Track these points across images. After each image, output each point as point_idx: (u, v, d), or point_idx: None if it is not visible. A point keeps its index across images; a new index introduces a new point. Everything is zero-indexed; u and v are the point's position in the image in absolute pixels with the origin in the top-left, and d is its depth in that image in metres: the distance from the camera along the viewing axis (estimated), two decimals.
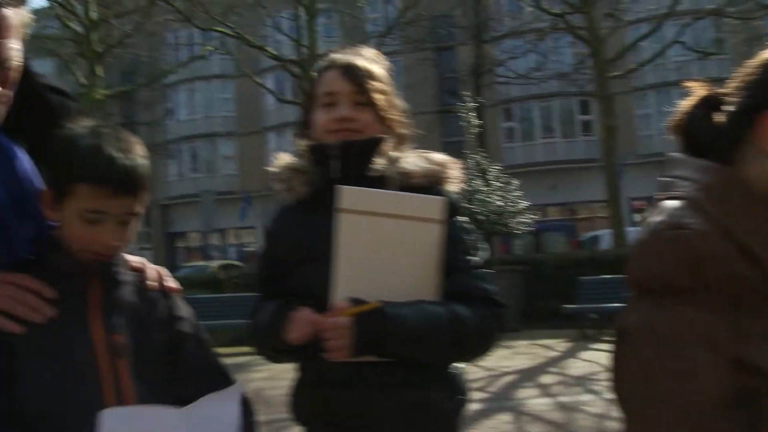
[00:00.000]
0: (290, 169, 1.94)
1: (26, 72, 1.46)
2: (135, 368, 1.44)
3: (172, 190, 37.56)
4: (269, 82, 33.06)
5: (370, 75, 1.89)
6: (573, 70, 22.93)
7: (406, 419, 1.78)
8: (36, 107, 1.53)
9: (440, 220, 1.77)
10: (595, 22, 17.59)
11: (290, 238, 1.91)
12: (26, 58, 1.44)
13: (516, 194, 13.36)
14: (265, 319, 1.83)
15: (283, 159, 1.99)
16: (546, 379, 8.16)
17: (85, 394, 1.37)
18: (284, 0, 24.77)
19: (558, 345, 10.58)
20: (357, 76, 1.87)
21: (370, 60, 1.95)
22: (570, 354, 9.93)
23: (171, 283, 1.59)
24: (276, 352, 1.87)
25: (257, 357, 1.60)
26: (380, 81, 1.91)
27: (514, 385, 7.63)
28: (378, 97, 1.87)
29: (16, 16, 1.33)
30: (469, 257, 1.83)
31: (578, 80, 22.73)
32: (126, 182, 1.39)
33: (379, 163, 1.86)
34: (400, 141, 1.94)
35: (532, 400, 7.14)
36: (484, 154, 13.94)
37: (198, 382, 1.53)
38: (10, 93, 1.39)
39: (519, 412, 6.57)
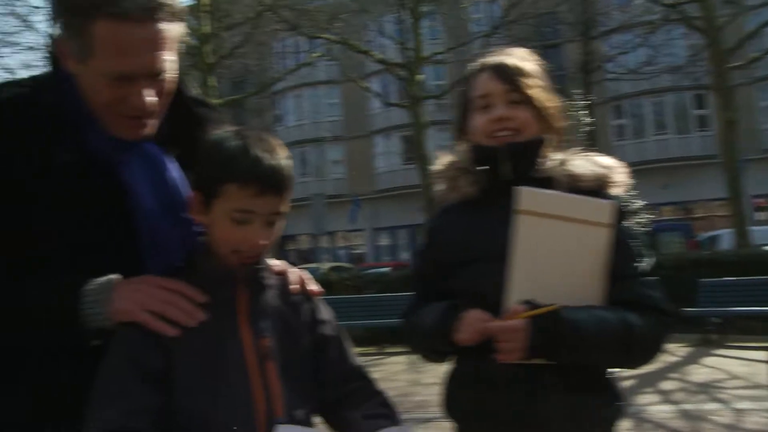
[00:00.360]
0: (457, 169, 1.94)
1: (181, 92, 1.54)
2: (281, 371, 1.47)
3: None
4: (375, 85, 33.36)
5: (522, 72, 1.87)
6: (687, 63, 21.98)
7: (570, 423, 1.76)
8: (184, 117, 1.60)
9: (610, 225, 1.76)
10: (711, 10, 16.78)
11: (454, 238, 1.90)
12: (180, 82, 1.53)
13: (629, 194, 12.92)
14: (428, 320, 1.85)
15: (446, 158, 1.99)
16: (667, 385, 7.85)
17: (236, 395, 1.41)
18: (388, 4, 24.97)
19: (678, 350, 10.16)
20: (509, 75, 1.86)
21: (521, 58, 1.94)
22: (691, 359, 9.52)
23: (313, 286, 1.62)
24: (437, 353, 1.91)
25: (372, 357, 1.60)
26: (533, 78, 1.89)
27: (633, 391, 7.36)
28: (533, 93, 1.86)
29: (171, 30, 1.40)
30: (636, 264, 1.80)
31: (693, 73, 21.77)
32: (272, 181, 1.43)
33: (545, 164, 1.86)
34: (559, 137, 1.93)
35: (654, 406, 6.87)
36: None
37: (340, 386, 1.57)
38: (164, 104, 1.47)
39: (640, 419, 6.33)
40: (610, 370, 1.86)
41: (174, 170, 1.57)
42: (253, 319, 1.49)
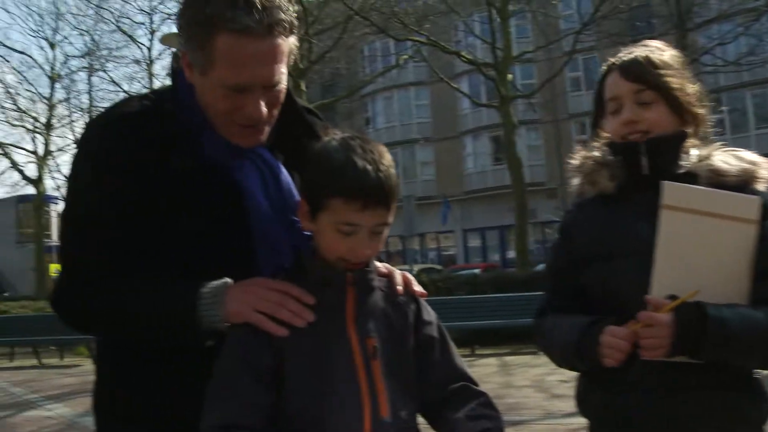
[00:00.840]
0: (596, 163, 1.90)
1: (288, 94, 1.63)
2: (386, 371, 1.49)
3: None
4: (464, 86, 33.23)
5: (650, 70, 1.82)
6: None
7: (716, 426, 1.72)
8: (294, 125, 1.68)
9: (757, 221, 1.71)
10: None
11: (590, 233, 1.88)
12: (290, 91, 1.62)
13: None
14: (565, 338, 1.81)
15: (583, 152, 1.96)
16: None
17: (344, 394, 1.44)
18: (476, 4, 24.81)
19: None
20: (636, 75, 1.82)
21: (652, 52, 1.88)
22: None
23: (417, 287, 1.65)
24: (574, 368, 1.90)
25: (463, 359, 1.64)
26: (665, 73, 1.83)
27: None
28: (662, 91, 1.81)
29: (285, 43, 1.49)
30: None
31: None
32: (377, 195, 1.44)
33: (687, 159, 1.82)
34: (699, 131, 1.88)
35: None
36: None
37: (443, 387, 1.57)
38: (275, 114, 1.56)
39: None
40: (755, 370, 1.80)
41: (284, 174, 1.64)
42: (360, 320, 1.51)
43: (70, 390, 10.43)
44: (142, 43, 28.70)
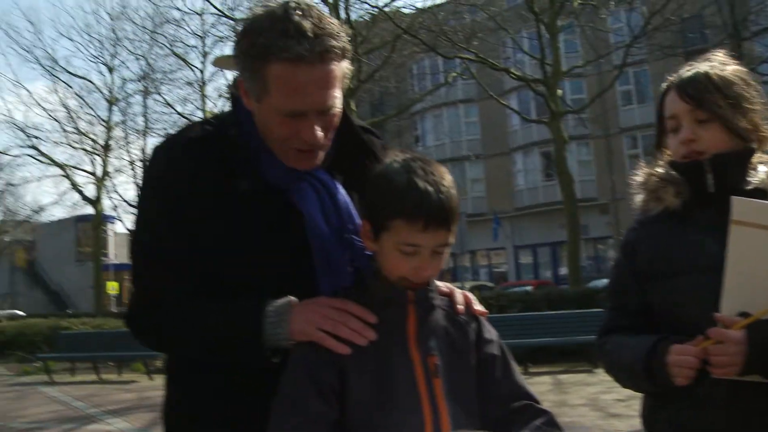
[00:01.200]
0: (661, 180, 1.87)
1: (344, 114, 1.67)
2: (448, 388, 1.50)
3: None
4: (513, 102, 33.11)
5: (708, 87, 1.80)
6: None
7: None
8: (351, 145, 1.72)
9: None
10: None
11: (655, 250, 1.85)
12: (346, 111, 1.67)
13: None
14: (629, 357, 1.79)
15: (648, 169, 1.93)
16: None
17: (406, 411, 1.46)
18: (524, 20, 24.74)
19: None
20: (692, 94, 1.80)
21: (713, 68, 1.84)
22: None
23: (477, 306, 1.65)
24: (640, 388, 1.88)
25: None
26: (723, 89, 1.79)
27: None
28: (720, 110, 1.78)
29: (338, 68, 1.53)
30: None
31: None
32: (439, 216, 1.45)
33: (755, 175, 1.79)
34: (764, 145, 1.84)
35: None
36: None
37: (506, 404, 1.56)
38: (331, 137, 1.60)
39: None
40: None
41: (342, 194, 1.67)
42: (421, 338, 1.52)
43: (128, 405, 10.67)
44: (194, 66, 29.14)
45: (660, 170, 1.89)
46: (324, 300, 1.56)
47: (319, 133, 1.54)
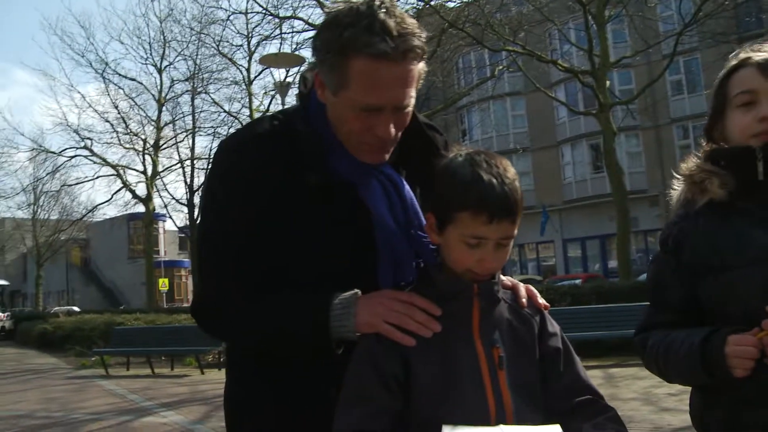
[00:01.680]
0: (705, 171, 1.81)
1: (415, 118, 1.71)
2: (512, 380, 1.51)
3: None
4: (560, 94, 32.76)
5: None
6: None
7: None
8: (417, 141, 1.74)
9: None
10: None
11: (703, 243, 1.77)
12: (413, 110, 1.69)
13: None
14: (682, 352, 1.72)
15: (693, 159, 1.86)
16: None
17: (471, 403, 1.47)
18: (571, 11, 24.44)
19: None
20: None
21: None
22: None
23: (540, 300, 1.67)
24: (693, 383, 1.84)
25: None
26: None
27: None
28: None
29: (416, 68, 1.56)
30: None
31: None
32: (502, 208, 1.47)
33: None
34: None
35: None
36: None
37: (569, 398, 1.56)
38: (399, 134, 1.63)
39: None
40: None
41: (408, 191, 1.71)
42: (486, 331, 1.53)
43: (181, 398, 10.88)
44: (241, 65, 29.50)
45: (704, 161, 1.83)
46: (389, 293, 1.59)
47: (392, 129, 1.58)
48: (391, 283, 1.65)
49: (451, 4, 21.91)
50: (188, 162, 33.06)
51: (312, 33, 11.48)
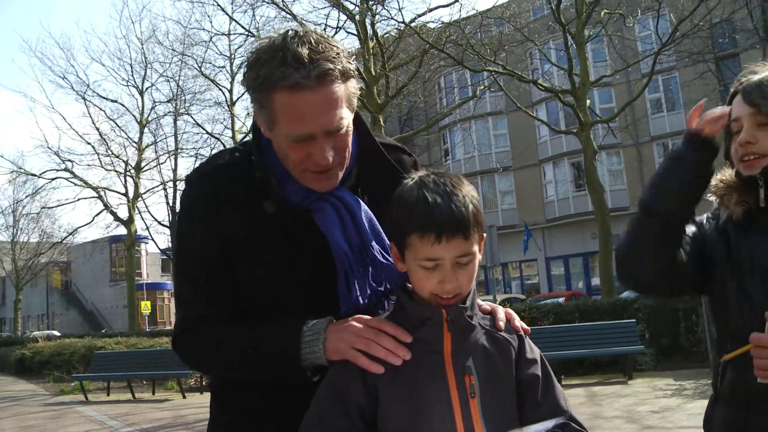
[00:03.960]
0: (727, 186, 1.92)
1: (367, 135, 1.74)
2: (486, 409, 1.46)
3: None
4: (542, 113, 32.99)
5: (766, 93, 1.82)
6: None
7: None
8: (376, 163, 1.75)
9: None
10: None
11: (725, 252, 1.88)
12: (363, 124, 1.72)
13: None
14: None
15: (720, 174, 1.95)
16: None
17: None
18: (551, 31, 24.69)
19: None
20: (755, 98, 1.82)
21: None
22: None
23: (518, 323, 1.62)
24: None
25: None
26: None
27: None
28: None
29: (341, 88, 1.56)
30: None
31: None
32: (449, 226, 1.41)
33: None
34: None
35: None
36: None
37: (546, 425, 1.51)
38: (346, 156, 1.63)
39: None
40: None
41: (365, 213, 1.70)
42: (458, 358, 1.48)
43: (162, 423, 10.74)
44: (223, 86, 29.56)
45: (727, 177, 1.92)
46: (360, 319, 1.57)
47: (330, 153, 1.57)
48: (351, 304, 1.64)
49: (432, 25, 22.10)
50: (170, 183, 32.94)
51: None
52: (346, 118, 1.58)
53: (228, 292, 1.66)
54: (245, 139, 1.87)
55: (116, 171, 33.44)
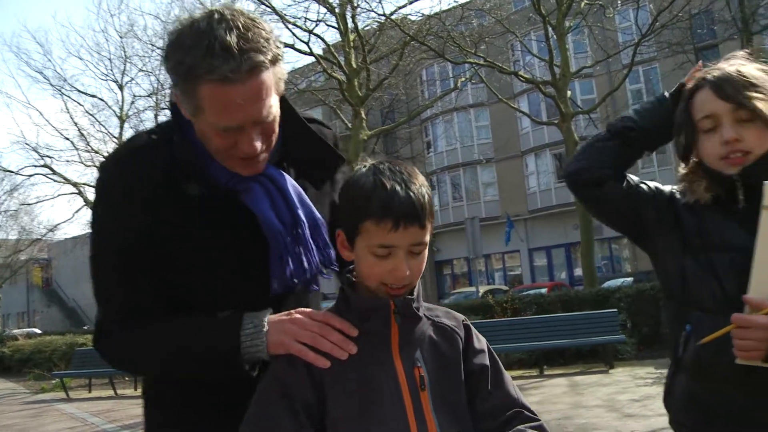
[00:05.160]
0: (695, 173, 1.89)
1: (291, 111, 1.67)
2: (436, 401, 1.45)
3: (437, 220, 38.65)
4: (523, 105, 33.05)
5: (746, 85, 1.78)
6: None
7: None
8: (299, 136, 1.71)
9: None
10: None
11: (693, 224, 1.87)
12: (285, 100, 1.64)
13: None
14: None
15: (694, 161, 1.92)
16: None
17: (390, 426, 1.41)
18: (532, 23, 24.71)
19: None
20: (733, 92, 1.78)
21: (742, 65, 1.84)
22: None
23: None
24: None
25: (532, 380, 1.63)
26: (759, 87, 1.78)
27: None
28: (761, 108, 1.76)
29: (269, 76, 1.49)
30: None
31: None
32: (407, 214, 1.41)
33: None
34: None
35: None
36: None
37: (496, 415, 1.52)
38: (274, 139, 1.58)
39: None
40: None
41: (293, 188, 1.66)
42: (406, 350, 1.47)
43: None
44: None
45: (700, 166, 1.89)
46: (304, 311, 1.53)
47: (258, 143, 1.52)
48: (285, 284, 1.61)
49: (413, 18, 22.04)
50: None
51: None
52: (275, 105, 1.53)
53: (152, 282, 1.57)
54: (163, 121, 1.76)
55: (96, 166, 33.12)
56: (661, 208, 1.93)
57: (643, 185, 1.98)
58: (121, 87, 32.79)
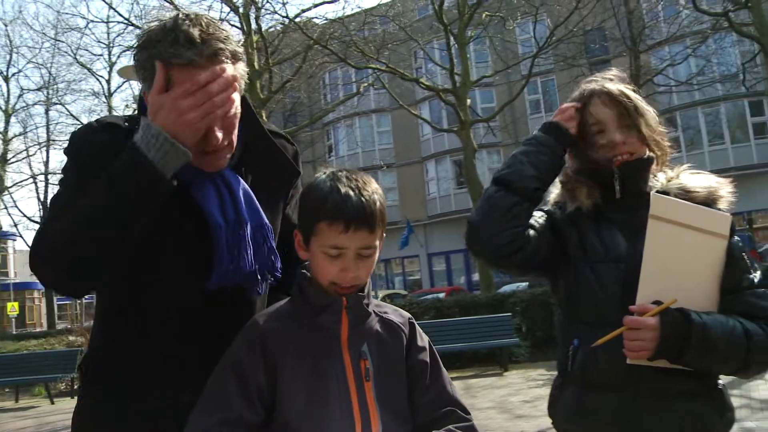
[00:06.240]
0: (576, 180, 2.04)
1: (252, 117, 1.79)
2: (379, 393, 1.57)
3: None
4: (425, 112, 33.49)
5: (628, 96, 1.98)
6: (741, 71, 21.46)
7: (678, 431, 1.81)
8: (261, 146, 1.82)
9: (726, 237, 1.85)
10: (764, 16, 16.41)
11: (575, 235, 1.99)
12: (250, 108, 1.78)
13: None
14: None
15: (569, 169, 2.08)
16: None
17: (336, 415, 1.52)
18: (435, 31, 25.07)
19: None
20: (619, 101, 1.96)
21: (623, 80, 2.05)
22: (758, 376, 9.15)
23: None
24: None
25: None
26: (635, 99, 1.98)
27: None
28: (642, 116, 1.96)
29: (234, 72, 1.60)
30: (749, 276, 1.87)
31: (748, 81, 21.23)
32: (357, 217, 1.53)
33: (655, 181, 1.99)
34: (662, 155, 2.03)
35: None
36: None
37: (432, 411, 1.63)
38: (234, 137, 1.67)
39: None
40: (719, 381, 1.90)
41: (244, 191, 1.74)
42: (354, 343, 1.59)
43: None
44: (100, 76, 28.63)
45: (577, 172, 2.05)
46: (171, 93, 1.53)
47: (220, 134, 1.60)
48: (226, 276, 1.66)
49: (317, 21, 22.00)
50: (41, 177, 31.35)
51: None
52: (236, 100, 1.62)
53: None
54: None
55: None
56: (565, 231, 2.03)
57: (534, 222, 2.00)
58: (6, 78, 31.31)
